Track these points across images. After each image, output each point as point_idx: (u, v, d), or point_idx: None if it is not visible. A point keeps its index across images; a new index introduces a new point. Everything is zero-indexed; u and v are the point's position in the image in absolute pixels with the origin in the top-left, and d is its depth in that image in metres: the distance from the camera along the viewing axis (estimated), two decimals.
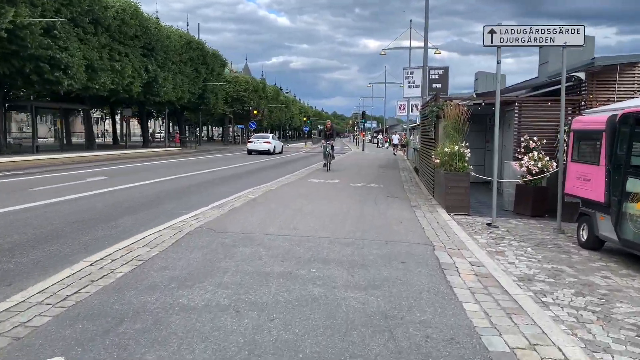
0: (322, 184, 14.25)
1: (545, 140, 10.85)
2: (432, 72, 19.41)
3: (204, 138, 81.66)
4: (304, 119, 60.64)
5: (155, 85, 34.68)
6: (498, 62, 8.27)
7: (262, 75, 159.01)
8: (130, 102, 37.52)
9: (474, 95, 13.81)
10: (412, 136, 34.44)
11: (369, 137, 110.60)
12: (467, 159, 10.06)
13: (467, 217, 9.47)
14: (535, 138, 11.28)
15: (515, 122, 12.31)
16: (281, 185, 13.19)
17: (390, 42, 45.63)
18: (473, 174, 10.19)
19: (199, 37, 47.54)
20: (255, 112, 48.60)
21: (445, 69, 19.70)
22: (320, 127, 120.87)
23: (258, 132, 50.47)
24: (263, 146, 36.27)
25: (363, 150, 44.05)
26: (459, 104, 10.84)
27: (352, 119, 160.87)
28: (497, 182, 9.18)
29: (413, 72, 20.84)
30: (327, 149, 19.85)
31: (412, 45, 30.40)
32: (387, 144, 58.88)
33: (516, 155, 11.54)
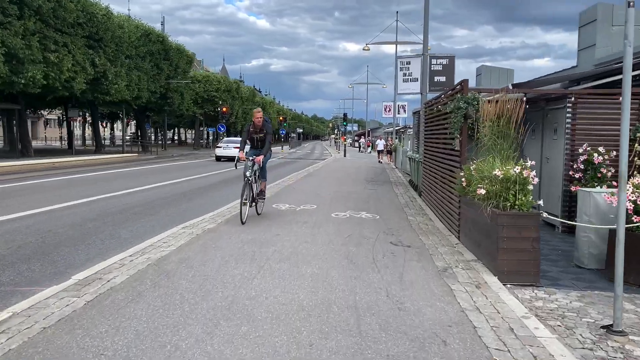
0: (291, 213, 9.92)
1: (615, 153, 7.04)
2: (433, 61, 15.32)
3: (175, 141, 76.56)
4: (280, 118, 55.93)
5: (104, 82, 29.86)
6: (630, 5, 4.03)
7: (241, 76, 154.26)
8: (76, 101, 32.59)
9: (510, 87, 9.66)
10: (401, 142, 30.37)
11: (349, 141, 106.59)
12: (531, 187, 5.84)
13: (537, 291, 5.26)
14: (601, 149, 7.44)
15: (568, 124, 8.31)
16: (220, 224, 8.76)
17: (372, 43, 43.19)
18: (545, 214, 5.96)
19: (164, 32, 42.86)
20: (224, 109, 43.89)
21: (451, 58, 15.63)
22: (298, 131, 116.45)
23: (234, 137, 45.86)
24: (233, 152, 31.87)
25: (345, 155, 39.87)
26: (505, 97, 6.60)
27: (332, 121, 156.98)
28: (577, 225, 4.99)
29: (410, 62, 16.74)
30: (249, 173, 8.76)
31: (396, 47, 29.17)
32: (369, 149, 54.93)
33: (572, 174, 7.69)
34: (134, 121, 58.71)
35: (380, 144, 37.92)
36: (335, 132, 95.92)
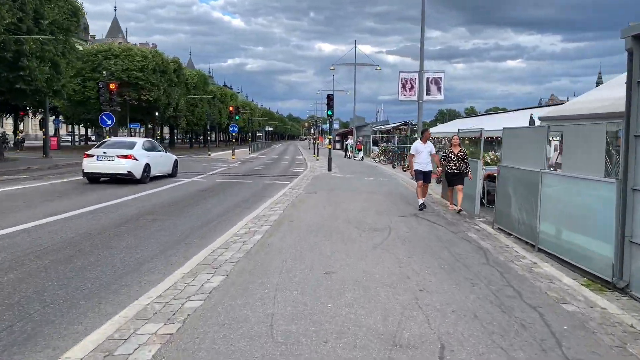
0: None
1: None
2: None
3: (81, 142, 58.54)
4: (230, 109, 38.56)
5: None
6: None
7: (210, 72, 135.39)
8: None
9: None
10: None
11: (326, 142, 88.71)
12: None
13: None
14: None
15: None
16: None
17: (344, 47, 38.48)
18: None
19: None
20: (112, 85, 26.18)
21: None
22: (267, 129, 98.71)
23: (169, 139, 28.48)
24: (114, 167, 15.38)
25: (330, 169, 22.91)
26: None
27: (307, 121, 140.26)
28: None
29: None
30: None
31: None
32: (360, 153, 38.19)
33: None
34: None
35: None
36: (313, 132, 78.96)
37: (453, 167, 10.23)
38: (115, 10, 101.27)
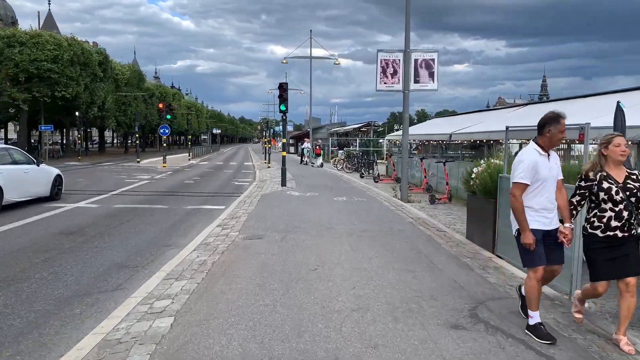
0: None
1: None
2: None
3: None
4: (160, 106, 32.15)
5: None
6: None
7: (156, 73, 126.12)
8: None
9: None
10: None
11: (279, 145, 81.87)
12: None
13: None
14: None
15: None
16: None
17: (297, 51, 35.31)
18: None
19: None
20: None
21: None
22: (215, 132, 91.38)
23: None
24: None
25: (284, 183, 17.16)
26: None
27: (260, 123, 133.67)
28: None
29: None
30: None
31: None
32: (319, 159, 32.71)
33: None
34: None
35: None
36: (264, 134, 73.02)
37: (614, 223, 3.91)
38: (49, 3, 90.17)
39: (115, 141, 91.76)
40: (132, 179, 20.53)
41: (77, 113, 37.14)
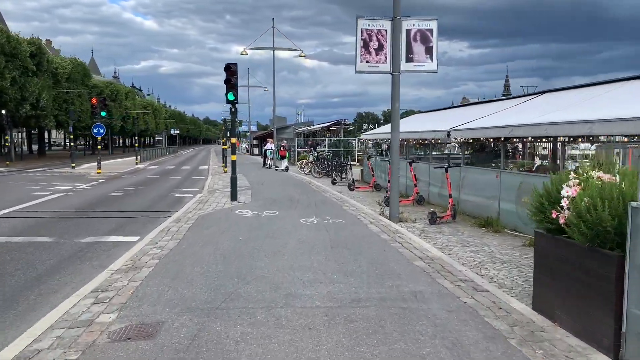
0: None
1: None
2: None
3: None
4: (92, 101, 27.16)
5: None
6: None
7: (115, 73, 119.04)
8: None
9: None
10: None
11: (245, 146, 77.26)
12: None
13: None
14: None
15: None
16: None
17: (263, 51, 32.66)
18: None
19: None
20: None
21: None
22: (173, 133, 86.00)
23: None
24: None
25: (234, 198, 13.23)
26: None
27: (223, 125, 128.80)
28: None
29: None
30: None
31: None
32: (284, 162, 28.70)
33: None
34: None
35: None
36: (223, 135, 68.46)
37: None
38: None
39: (68, 143, 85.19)
40: (45, 190, 16.17)
41: (2, 111, 32.05)
